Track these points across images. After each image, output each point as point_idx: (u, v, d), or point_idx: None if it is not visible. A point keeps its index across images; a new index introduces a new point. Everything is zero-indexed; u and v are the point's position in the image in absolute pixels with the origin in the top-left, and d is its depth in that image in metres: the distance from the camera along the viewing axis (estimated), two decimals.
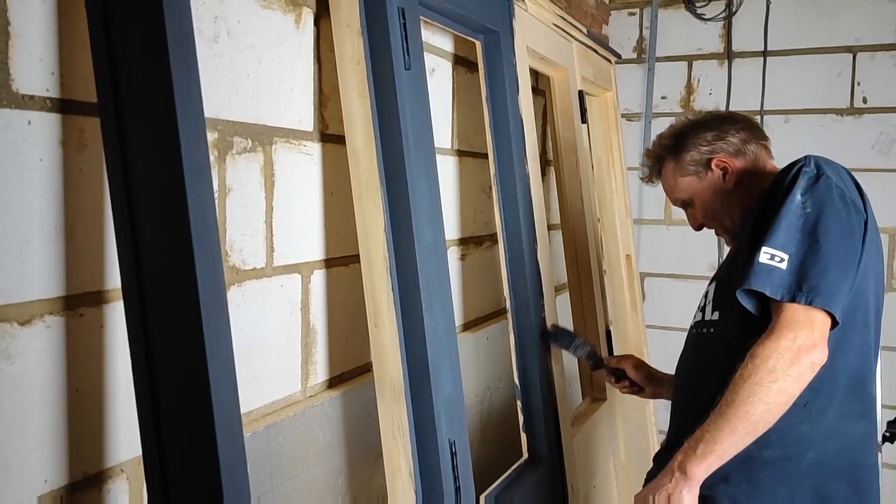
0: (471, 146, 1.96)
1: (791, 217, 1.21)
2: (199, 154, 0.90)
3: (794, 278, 1.17)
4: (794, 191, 1.23)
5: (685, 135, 1.48)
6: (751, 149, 1.44)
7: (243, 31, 1.18)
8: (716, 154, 1.44)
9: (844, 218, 1.22)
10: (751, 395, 1.16)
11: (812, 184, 1.24)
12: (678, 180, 1.50)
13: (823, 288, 1.17)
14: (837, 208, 1.22)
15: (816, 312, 1.17)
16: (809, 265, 1.18)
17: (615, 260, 2.72)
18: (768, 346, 1.16)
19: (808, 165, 1.26)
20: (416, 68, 1.34)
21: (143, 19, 0.88)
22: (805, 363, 1.15)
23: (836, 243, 1.20)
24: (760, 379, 1.15)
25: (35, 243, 0.90)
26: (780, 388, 1.15)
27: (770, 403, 1.16)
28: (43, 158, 0.90)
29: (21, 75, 0.87)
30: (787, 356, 1.15)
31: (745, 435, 1.18)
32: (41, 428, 0.91)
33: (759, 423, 1.17)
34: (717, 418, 1.19)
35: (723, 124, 1.46)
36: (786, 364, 1.15)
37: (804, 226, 1.21)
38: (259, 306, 1.25)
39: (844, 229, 1.22)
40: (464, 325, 1.94)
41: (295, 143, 1.32)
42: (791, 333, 1.16)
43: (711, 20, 2.96)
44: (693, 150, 1.46)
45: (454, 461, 1.31)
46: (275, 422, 1.24)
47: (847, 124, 2.83)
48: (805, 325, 1.16)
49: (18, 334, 0.88)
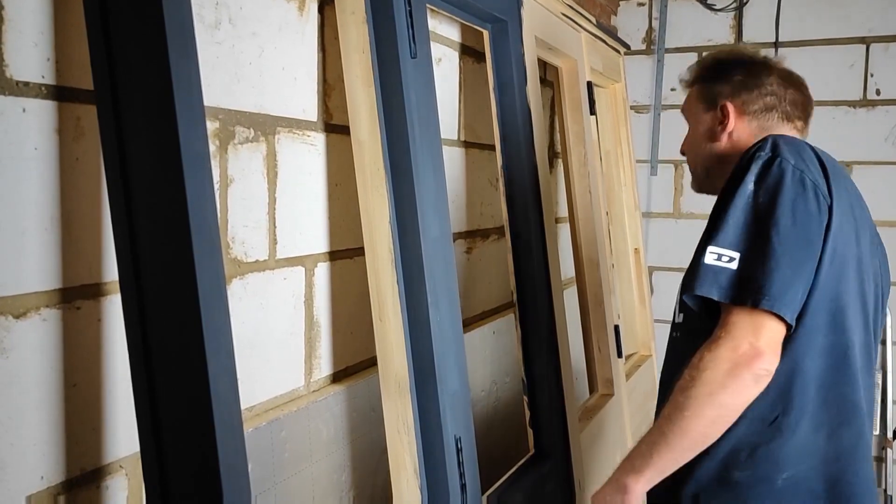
0: (477, 138, 1.93)
1: (740, 210, 1.09)
2: (198, 143, 0.88)
3: (743, 278, 1.05)
4: (745, 179, 1.10)
5: (725, 66, 1.35)
6: (765, 118, 1.30)
7: (245, 18, 1.16)
8: (726, 100, 1.31)
9: (801, 206, 1.07)
10: (686, 409, 1.05)
11: (765, 169, 1.10)
12: (692, 101, 1.40)
13: (770, 288, 1.03)
14: (793, 195, 1.08)
15: (764, 317, 1.04)
16: (758, 263, 1.05)
17: (623, 253, 2.69)
18: (706, 356, 1.05)
19: (763, 149, 1.13)
20: (423, 57, 1.31)
21: (141, 4, 0.86)
22: (746, 375, 1.02)
23: (789, 236, 1.06)
24: (696, 392, 1.04)
25: (30, 234, 0.88)
26: (719, 403, 1.04)
27: (708, 418, 1.05)
28: (38, 147, 0.88)
29: (15, 61, 0.85)
30: (724, 367, 1.03)
31: (684, 451, 1.09)
32: (37, 423, 0.89)
33: (698, 440, 1.08)
34: (655, 432, 1.11)
35: (761, 77, 1.31)
36: (723, 375, 1.03)
37: (754, 219, 1.08)
38: (262, 299, 1.22)
39: (800, 218, 1.07)
40: (470, 318, 1.91)
41: (298, 133, 1.29)
42: (731, 342, 1.04)
43: (722, 11, 2.92)
44: (717, 84, 1.33)
45: (460, 458, 1.29)
46: (277, 417, 1.22)
47: (860, 116, 2.79)
48: (748, 331, 1.03)
49: (13, 327, 0.86)
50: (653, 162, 3.08)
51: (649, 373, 2.68)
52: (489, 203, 2.02)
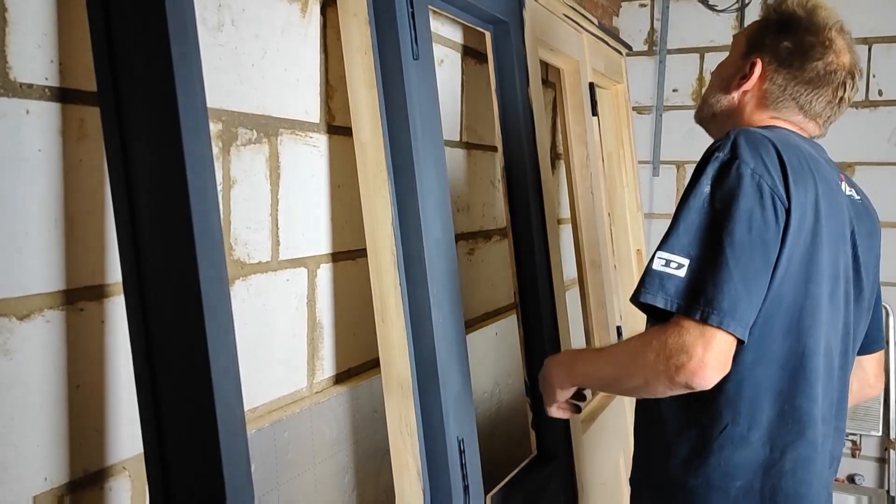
0: (479, 139, 1.93)
1: (694, 214, 1.04)
2: (200, 145, 0.88)
3: (691, 287, 1.00)
4: (701, 181, 1.05)
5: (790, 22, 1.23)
6: (786, 97, 1.22)
7: (248, 20, 1.16)
8: (763, 58, 1.23)
9: (757, 214, 1.02)
10: (615, 355, 1.14)
11: (722, 172, 1.04)
12: (746, 33, 1.29)
13: (721, 302, 0.98)
14: (750, 203, 1.02)
15: (713, 330, 0.98)
16: (709, 273, 1.00)
17: (625, 255, 2.69)
18: (649, 348, 1.02)
19: (722, 149, 1.07)
20: (425, 58, 1.32)
21: (144, 6, 0.86)
22: (680, 380, 0.99)
23: (743, 246, 1.01)
24: (627, 361, 1.07)
25: (34, 236, 0.88)
26: (634, 386, 1.06)
27: (632, 387, 1.08)
28: (42, 149, 0.88)
29: (19, 63, 0.85)
30: (660, 371, 1.00)
31: (597, 379, 1.21)
32: (41, 425, 0.89)
33: (608, 380, 1.17)
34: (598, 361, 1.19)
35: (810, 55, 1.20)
36: (655, 376, 1.01)
37: (708, 225, 1.03)
38: (264, 301, 1.23)
39: (756, 227, 1.02)
40: (472, 320, 1.91)
41: (301, 134, 1.29)
42: (680, 345, 0.99)
43: (724, 12, 2.92)
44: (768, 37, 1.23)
45: (462, 459, 1.29)
46: (280, 418, 1.22)
47: (862, 117, 2.79)
48: (697, 342, 0.98)
49: (17, 329, 0.86)
50: (655, 163, 3.08)
51: None
52: (491, 204, 2.02)
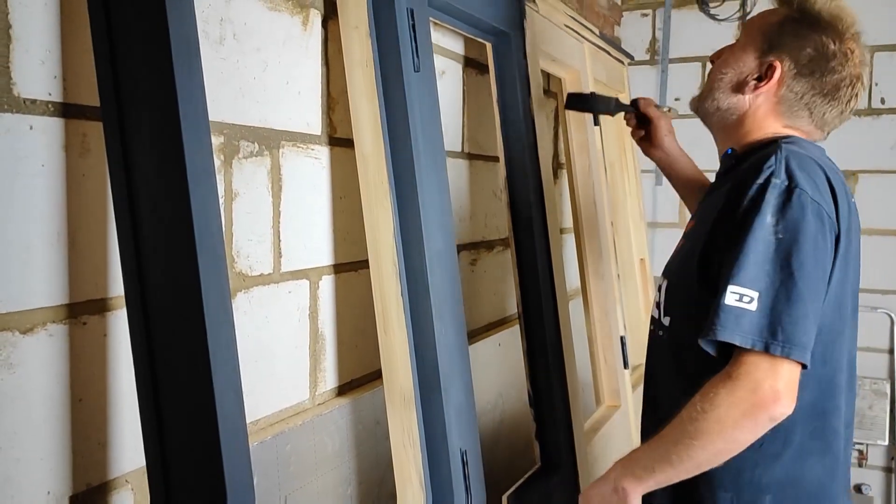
0: (481, 149, 1.94)
1: (760, 244, 1.04)
2: (203, 158, 0.88)
3: (766, 322, 1.01)
4: (763, 210, 1.05)
5: (814, 25, 1.20)
6: (801, 105, 1.21)
7: (250, 34, 1.17)
8: (783, 62, 1.20)
9: (821, 244, 1.05)
10: (696, 438, 1.03)
11: (784, 201, 1.05)
12: (760, 25, 1.25)
13: (800, 337, 1.01)
14: (814, 232, 1.05)
15: (789, 363, 1.01)
16: (783, 308, 1.01)
17: (629, 264, 2.69)
18: (721, 393, 1.01)
19: (777, 175, 1.07)
20: (426, 70, 1.32)
21: (147, 22, 0.87)
22: (763, 417, 1.00)
23: (811, 278, 1.03)
24: (708, 427, 1.02)
25: (37, 250, 0.88)
26: (731, 439, 1.03)
27: (716, 451, 1.04)
28: (45, 164, 0.89)
29: (23, 79, 0.86)
30: (741, 407, 1.00)
31: (686, 473, 1.08)
32: (43, 438, 0.89)
33: (702, 466, 1.07)
34: (661, 451, 1.08)
35: (829, 65, 1.18)
36: (739, 415, 1.00)
37: (776, 256, 1.03)
38: (266, 313, 1.23)
39: (820, 257, 1.05)
40: (475, 330, 1.91)
41: (303, 146, 1.30)
42: (751, 384, 1.00)
43: (725, 21, 2.93)
44: (789, 38, 1.20)
45: (465, 471, 1.29)
46: (283, 430, 1.22)
47: (865, 125, 2.79)
48: (769, 374, 1.00)
49: (20, 343, 0.87)
50: (658, 172, 3.08)
51: None
52: (493, 214, 2.02)
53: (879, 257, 2.79)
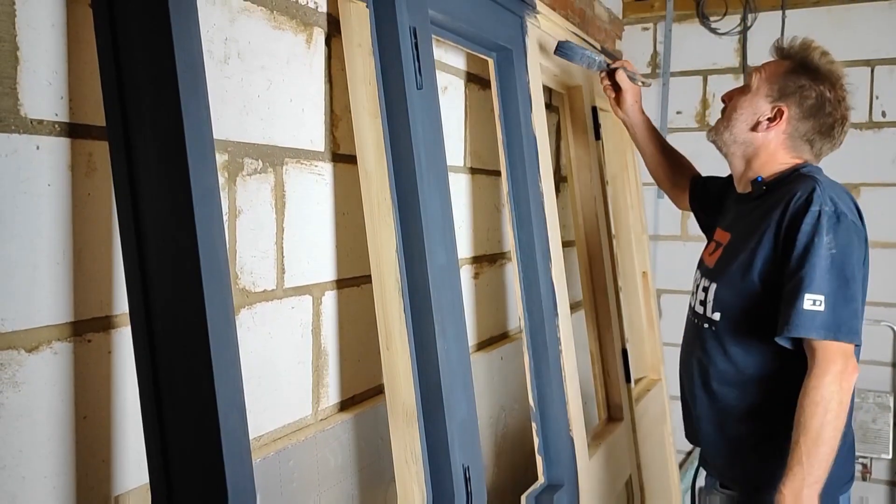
0: (484, 164, 1.95)
1: (821, 259, 1.36)
2: (207, 177, 0.89)
3: (832, 319, 1.35)
4: (819, 232, 1.38)
5: (815, 77, 1.50)
6: (804, 141, 1.52)
7: (254, 52, 1.18)
8: (789, 108, 1.50)
9: (861, 255, 1.41)
10: (831, 429, 1.35)
11: (834, 224, 1.38)
12: (771, 74, 1.54)
13: (856, 327, 1.37)
14: (856, 246, 1.39)
15: (848, 346, 1.37)
16: (842, 306, 1.36)
17: (631, 277, 2.69)
18: (824, 386, 1.35)
19: (826, 204, 1.39)
20: (428, 87, 1.33)
21: (152, 42, 0.88)
22: (847, 386, 1.36)
23: (858, 281, 1.39)
24: (835, 414, 1.35)
25: (43, 269, 0.89)
26: (843, 410, 1.36)
27: (839, 427, 1.36)
28: (51, 184, 0.89)
29: (29, 100, 0.87)
30: (838, 386, 1.35)
31: (833, 458, 1.37)
32: (48, 456, 0.90)
33: (836, 445, 1.36)
34: (812, 461, 1.35)
35: (824, 111, 1.49)
36: (842, 392, 1.35)
37: (832, 266, 1.36)
38: (269, 329, 1.23)
39: (863, 265, 1.41)
40: (477, 344, 1.92)
41: (306, 163, 1.31)
42: (835, 367, 1.36)
43: (726, 35, 2.94)
44: (794, 86, 1.50)
45: (468, 487, 1.29)
46: (285, 446, 1.22)
47: (866, 139, 2.80)
48: (842, 356, 1.36)
49: (26, 361, 0.87)
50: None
51: (659, 397, 2.66)
52: (496, 228, 2.02)
53: (882, 270, 2.78)
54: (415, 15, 1.31)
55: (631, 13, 3.10)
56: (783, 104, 1.51)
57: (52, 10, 0.89)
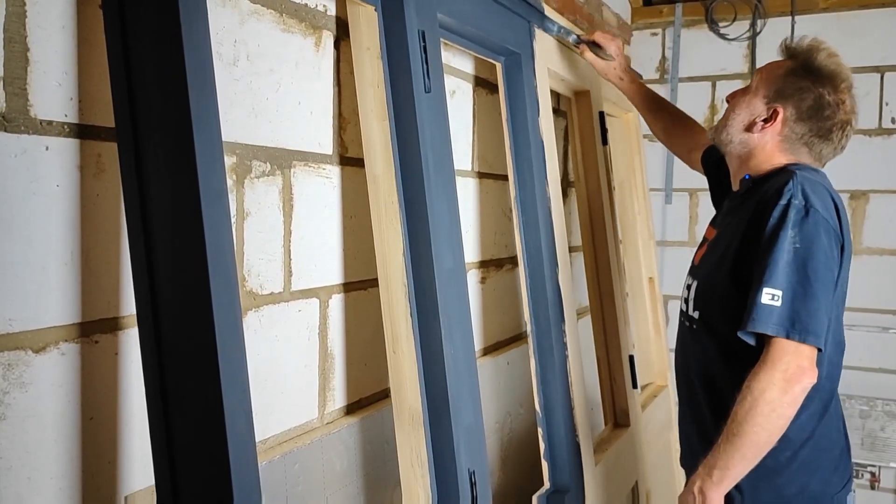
0: (491, 168, 1.94)
1: (783, 254, 1.30)
2: (216, 180, 0.89)
3: (788, 315, 1.28)
4: (785, 226, 1.32)
5: (815, 77, 1.45)
6: (801, 143, 1.47)
7: (263, 55, 1.18)
8: (786, 109, 1.46)
9: (829, 252, 1.33)
10: (755, 424, 1.28)
11: (801, 218, 1.32)
12: (769, 75, 1.51)
13: (814, 327, 1.28)
14: (824, 244, 1.32)
15: (808, 348, 1.29)
16: (800, 304, 1.29)
17: (638, 283, 2.68)
18: (763, 379, 1.28)
19: (795, 197, 1.34)
20: (436, 91, 1.33)
21: (162, 44, 0.88)
22: (797, 389, 1.28)
23: (822, 280, 1.31)
24: (761, 410, 1.27)
25: (51, 270, 0.89)
26: (779, 415, 1.28)
27: (772, 429, 1.28)
28: (60, 184, 0.90)
29: (39, 101, 0.87)
30: (780, 385, 1.27)
31: (753, 459, 1.31)
32: (54, 457, 0.90)
33: (764, 447, 1.30)
34: (728, 447, 1.30)
35: (824, 113, 1.45)
36: (780, 393, 1.27)
37: (794, 261, 1.30)
38: (276, 331, 1.23)
39: (829, 264, 1.33)
40: (484, 349, 1.91)
41: (314, 166, 1.31)
42: (783, 365, 1.28)
43: (735, 40, 2.94)
44: (791, 89, 1.46)
45: (474, 492, 1.28)
46: (291, 450, 1.22)
47: (875, 145, 2.78)
48: (794, 355, 1.28)
49: (33, 362, 0.87)
50: (667, 190, 3.08)
51: (665, 403, 2.65)
52: (503, 232, 2.02)
53: (890, 277, 2.77)
54: (423, 18, 1.31)
55: (640, 18, 3.10)
56: (779, 105, 1.46)
57: (62, 11, 0.89)
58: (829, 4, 2.81)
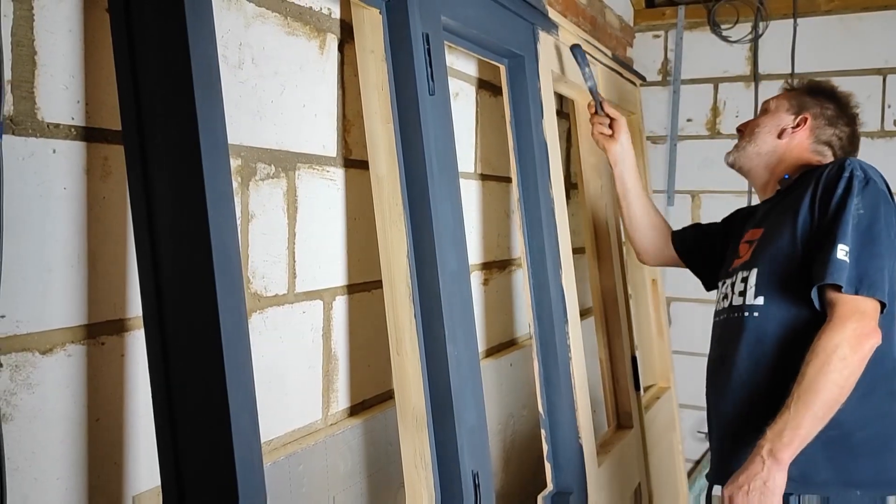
0: (494, 170, 1.95)
1: (850, 217, 1.39)
2: (222, 182, 0.89)
3: (856, 273, 1.35)
4: (851, 194, 1.41)
5: (826, 94, 1.67)
6: (822, 149, 1.63)
7: (268, 58, 1.19)
8: (809, 116, 1.63)
9: (889, 219, 1.42)
10: (828, 381, 1.30)
11: (863, 188, 1.42)
12: (783, 99, 1.69)
13: (880, 282, 1.35)
14: (885, 210, 1.42)
15: (871, 302, 1.35)
16: (867, 262, 1.36)
17: (641, 284, 2.68)
18: (836, 336, 1.32)
19: (857, 170, 1.44)
20: (440, 93, 1.33)
21: (169, 47, 0.88)
22: (867, 347, 1.33)
23: (885, 242, 1.39)
24: (834, 366, 1.30)
25: (57, 271, 0.89)
26: (851, 371, 1.31)
27: (843, 386, 1.31)
28: (67, 187, 0.90)
29: (46, 104, 0.88)
30: (851, 342, 1.31)
31: (824, 418, 1.32)
32: (60, 458, 0.90)
33: (835, 406, 1.32)
34: (799, 407, 1.31)
35: (843, 120, 1.65)
36: (851, 350, 1.31)
37: (858, 225, 1.39)
38: (281, 333, 1.24)
39: (889, 230, 1.42)
40: (487, 350, 1.91)
41: (318, 168, 1.31)
42: (853, 323, 1.33)
43: (737, 42, 2.94)
44: (811, 100, 1.65)
45: (477, 493, 1.29)
46: (295, 451, 1.22)
47: (878, 148, 2.78)
48: (863, 314, 1.34)
49: (39, 363, 0.88)
50: (669, 192, 3.09)
51: (668, 405, 2.65)
52: (506, 234, 2.03)
53: None
54: (427, 21, 1.32)
55: (642, 21, 3.10)
56: (806, 113, 1.63)
57: (69, 14, 0.90)
58: (831, 7, 2.81)
